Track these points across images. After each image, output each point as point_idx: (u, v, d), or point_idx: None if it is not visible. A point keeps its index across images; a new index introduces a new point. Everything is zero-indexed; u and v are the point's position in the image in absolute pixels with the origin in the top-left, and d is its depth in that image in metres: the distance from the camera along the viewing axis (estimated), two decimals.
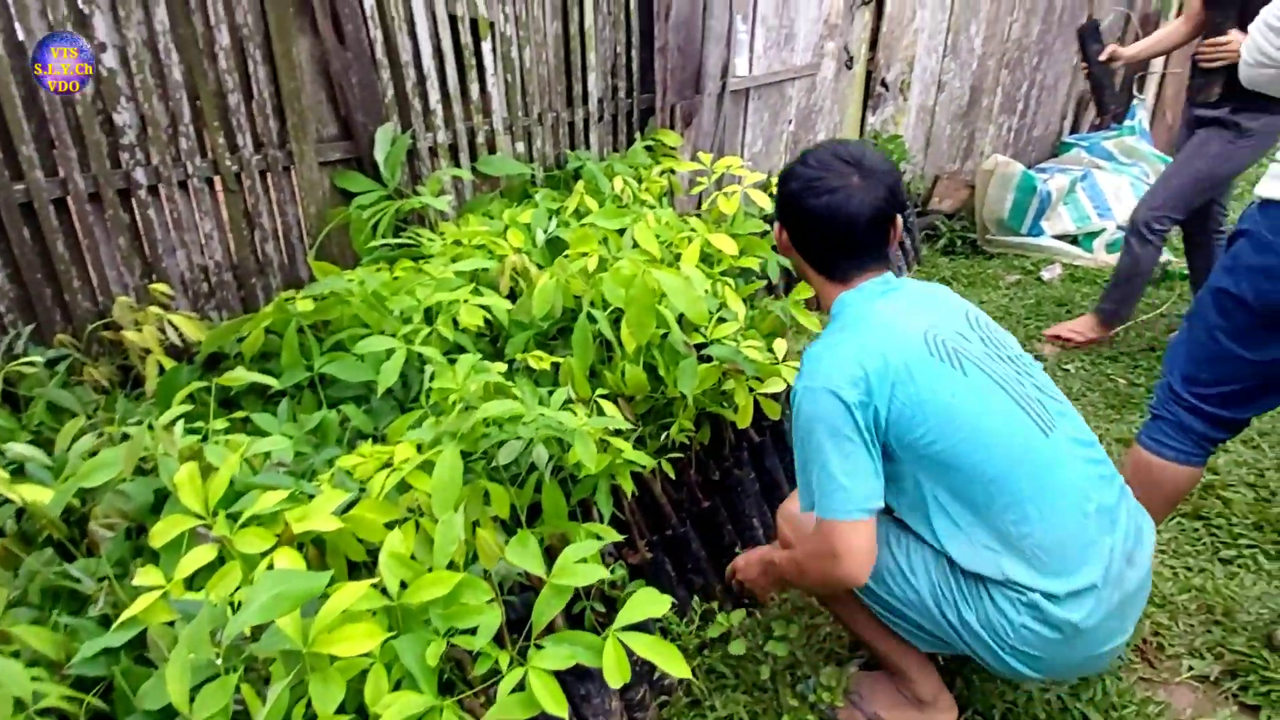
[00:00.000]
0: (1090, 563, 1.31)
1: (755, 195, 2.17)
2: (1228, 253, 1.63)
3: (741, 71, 2.96)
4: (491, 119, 2.41)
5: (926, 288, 1.48)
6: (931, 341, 1.33)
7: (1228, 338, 1.63)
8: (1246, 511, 2.28)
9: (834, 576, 1.32)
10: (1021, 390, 1.36)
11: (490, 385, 1.47)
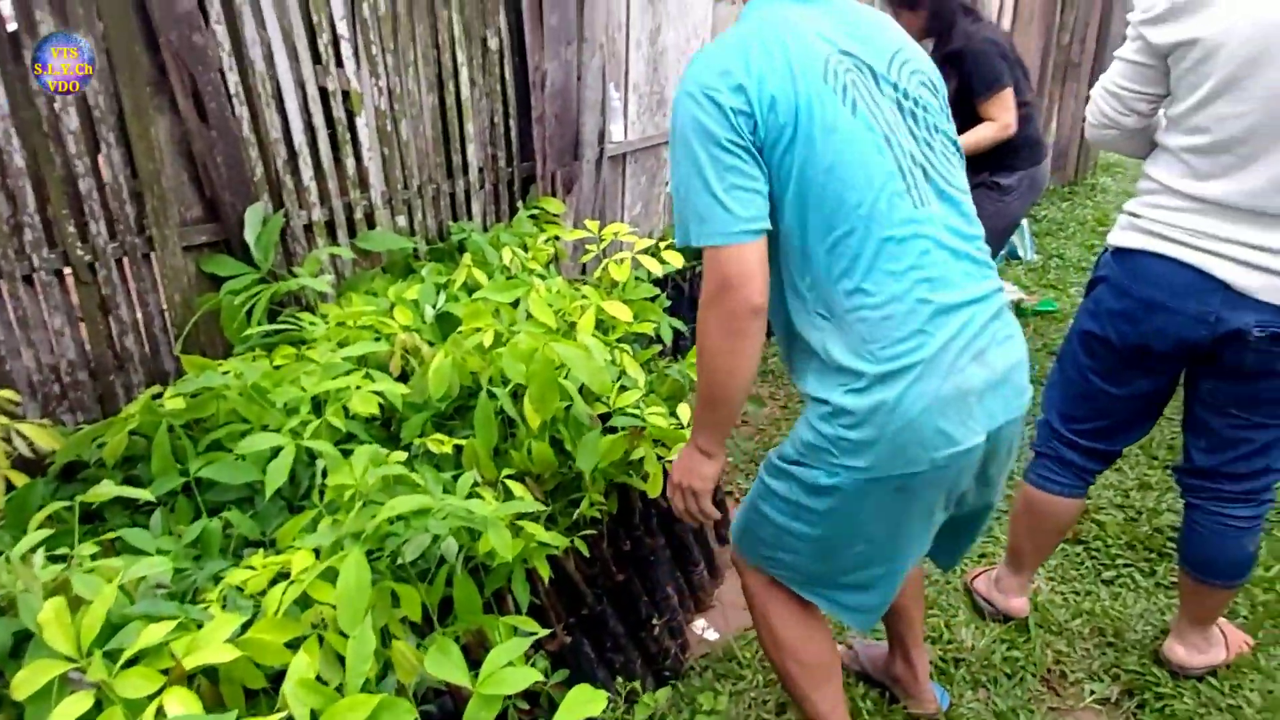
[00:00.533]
0: (915, 349, 1.19)
1: (645, 261, 2.19)
2: (1089, 297, 1.76)
3: (618, 137, 3.01)
4: (370, 193, 2.33)
5: (866, 12, 1.29)
6: (830, 68, 1.19)
7: (1097, 377, 1.75)
8: (1119, 532, 2.43)
9: (730, 310, 1.17)
10: (908, 153, 1.22)
11: (391, 478, 1.39)
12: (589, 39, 2.77)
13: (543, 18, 2.64)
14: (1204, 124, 1.49)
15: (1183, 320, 1.58)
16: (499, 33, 2.58)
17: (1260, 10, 1.38)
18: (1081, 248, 4.83)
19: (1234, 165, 1.48)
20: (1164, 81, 1.56)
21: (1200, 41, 1.44)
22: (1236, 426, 1.66)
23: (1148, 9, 1.51)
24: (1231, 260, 1.51)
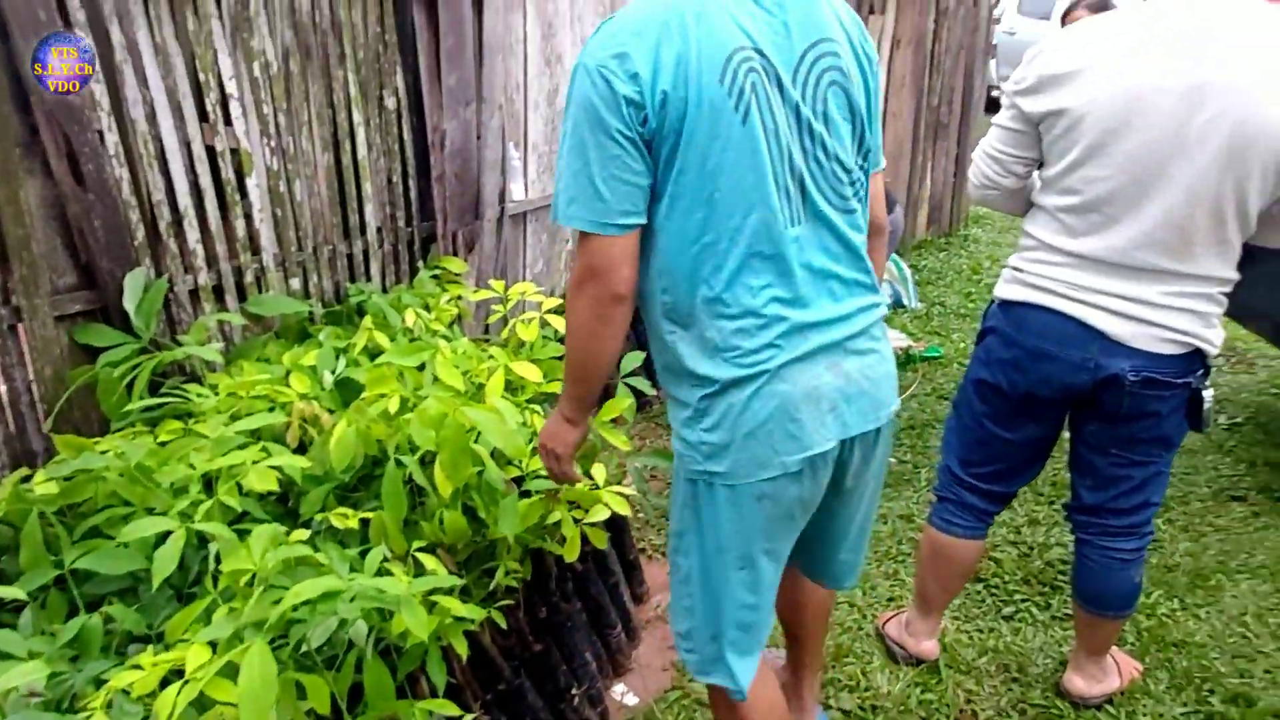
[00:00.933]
0: (766, 360, 1.22)
1: (553, 320, 2.17)
2: (980, 347, 1.85)
3: (518, 196, 3.01)
4: (261, 255, 2.24)
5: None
6: (730, 70, 1.13)
7: (991, 422, 1.84)
8: (1015, 568, 2.54)
9: (594, 295, 1.20)
10: (793, 169, 1.20)
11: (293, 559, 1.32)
12: (488, 99, 2.78)
13: (441, 78, 2.63)
14: (1074, 186, 1.61)
15: (1066, 367, 1.68)
16: (396, 92, 2.55)
17: (1119, 83, 1.51)
18: (960, 295, 5.11)
19: (1102, 224, 1.60)
20: (1037, 146, 1.68)
21: (1068, 111, 1.56)
22: (1117, 465, 1.77)
23: (1020, 81, 1.64)
24: (1105, 310, 1.62)
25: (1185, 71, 1.46)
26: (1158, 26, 1.50)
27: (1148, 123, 1.49)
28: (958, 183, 6.14)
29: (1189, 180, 1.50)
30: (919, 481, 3.01)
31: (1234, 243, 1.58)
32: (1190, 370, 1.65)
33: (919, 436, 3.36)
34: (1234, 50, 1.44)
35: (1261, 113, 1.43)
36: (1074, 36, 1.58)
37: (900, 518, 2.80)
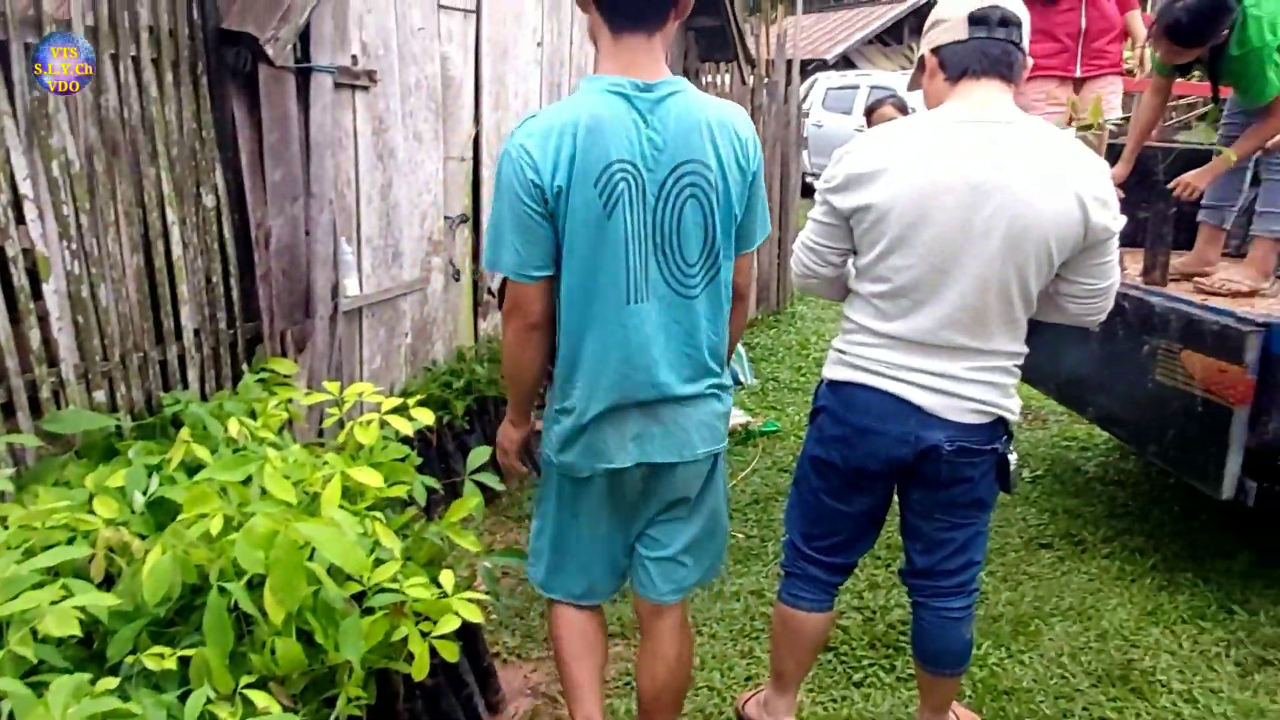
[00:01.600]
0: (597, 401, 1.63)
1: (393, 421, 2.10)
2: (813, 425, 1.96)
3: (353, 291, 2.93)
4: (60, 367, 2.05)
5: (681, 119, 1.53)
6: (605, 175, 1.50)
7: (828, 497, 1.94)
8: (860, 633, 2.64)
9: (515, 324, 1.64)
10: (643, 257, 1.56)
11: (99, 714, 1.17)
12: (317, 194, 2.71)
13: (265, 174, 2.55)
14: (884, 274, 1.76)
15: (890, 441, 1.80)
16: (215, 190, 2.45)
17: (918, 181, 1.67)
18: (792, 370, 5.40)
19: (910, 308, 1.75)
20: (850, 238, 1.82)
21: (874, 206, 1.71)
22: (941, 529, 1.90)
23: (830, 179, 1.79)
24: (920, 387, 1.77)
25: (970, 173, 1.65)
26: (947, 133, 1.69)
27: (941, 218, 1.67)
28: (782, 264, 6.54)
29: (979, 268, 1.68)
30: (767, 555, 3.10)
31: (1021, 321, 1.78)
32: (996, 437, 1.82)
33: (764, 510, 3.47)
34: (1010, 155, 1.65)
35: (1032, 209, 1.64)
36: (876, 140, 1.76)
37: (751, 593, 2.86)
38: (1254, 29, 2.77)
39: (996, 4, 1.70)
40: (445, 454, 3.26)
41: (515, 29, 3.81)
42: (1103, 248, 1.71)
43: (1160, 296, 2.83)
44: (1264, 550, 3.11)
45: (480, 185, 3.71)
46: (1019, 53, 1.72)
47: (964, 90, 1.71)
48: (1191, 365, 2.58)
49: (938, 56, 1.76)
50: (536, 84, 4.04)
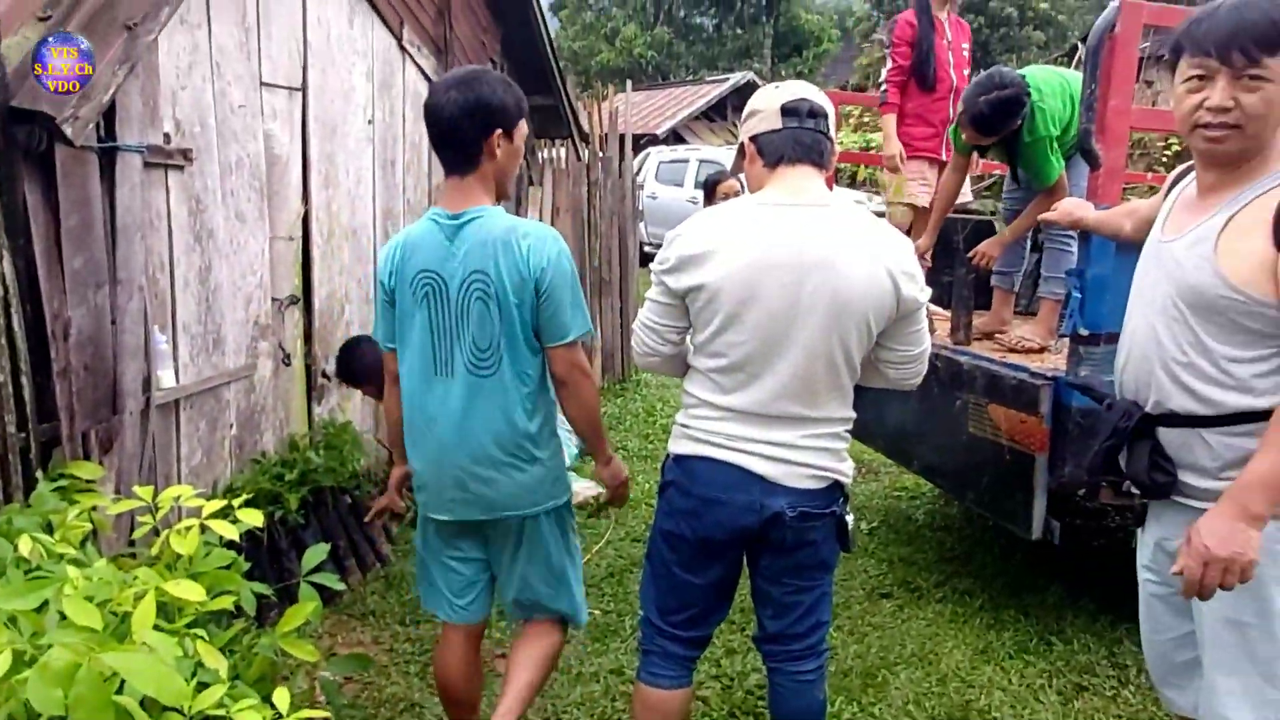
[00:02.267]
0: (425, 462, 2.08)
1: (215, 525, 1.93)
2: (662, 499, 1.98)
3: (168, 383, 2.71)
4: None
5: (477, 243, 1.94)
6: (416, 280, 1.98)
7: (680, 570, 1.95)
8: (720, 703, 2.65)
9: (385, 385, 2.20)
10: (445, 340, 1.98)
11: None
12: (125, 280, 2.51)
13: (63, 261, 2.34)
14: (720, 350, 1.83)
15: (736, 511, 1.85)
16: (4, 279, 2.21)
17: (745, 261, 1.76)
18: (640, 438, 5.46)
19: (746, 381, 1.83)
20: (686, 316, 1.89)
21: (706, 286, 1.79)
22: (789, 592, 1.95)
23: (663, 261, 1.86)
24: (760, 456, 1.84)
25: (793, 252, 1.76)
26: (769, 216, 1.80)
27: (769, 295, 1.76)
28: (625, 334, 6.67)
29: (807, 341, 1.78)
30: (624, 631, 3.07)
31: (848, 388, 1.89)
32: (834, 500, 1.91)
33: (619, 584, 3.45)
34: (827, 235, 1.77)
35: (850, 284, 1.76)
36: (705, 223, 1.85)
37: (611, 673, 2.81)
38: (1040, 121, 3.16)
39: (805, 97, 1.86)
40: (279, 553, 3.04)
41: (344, 106, 3.75)
42: (913, 317, 1.86)
43: (968, 355, 3.10)
44: (1072, 582, 3.41)
45: (311, 265, 3.57)
46: (828, 141, 1.87)
47: (781, 175, 1.84)
48: (997, 417, 2.83)
49: (756, 144, 1.88)
50: (369, 161, 3.97)
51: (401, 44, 4.17)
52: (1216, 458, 1.62)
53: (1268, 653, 1.61)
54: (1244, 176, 1.60)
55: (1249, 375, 1.57)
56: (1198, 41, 1.54)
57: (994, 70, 3.24)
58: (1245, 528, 1.51)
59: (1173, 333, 1.66)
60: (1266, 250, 1.51)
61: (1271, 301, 1.51)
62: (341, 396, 3.82)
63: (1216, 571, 1.52)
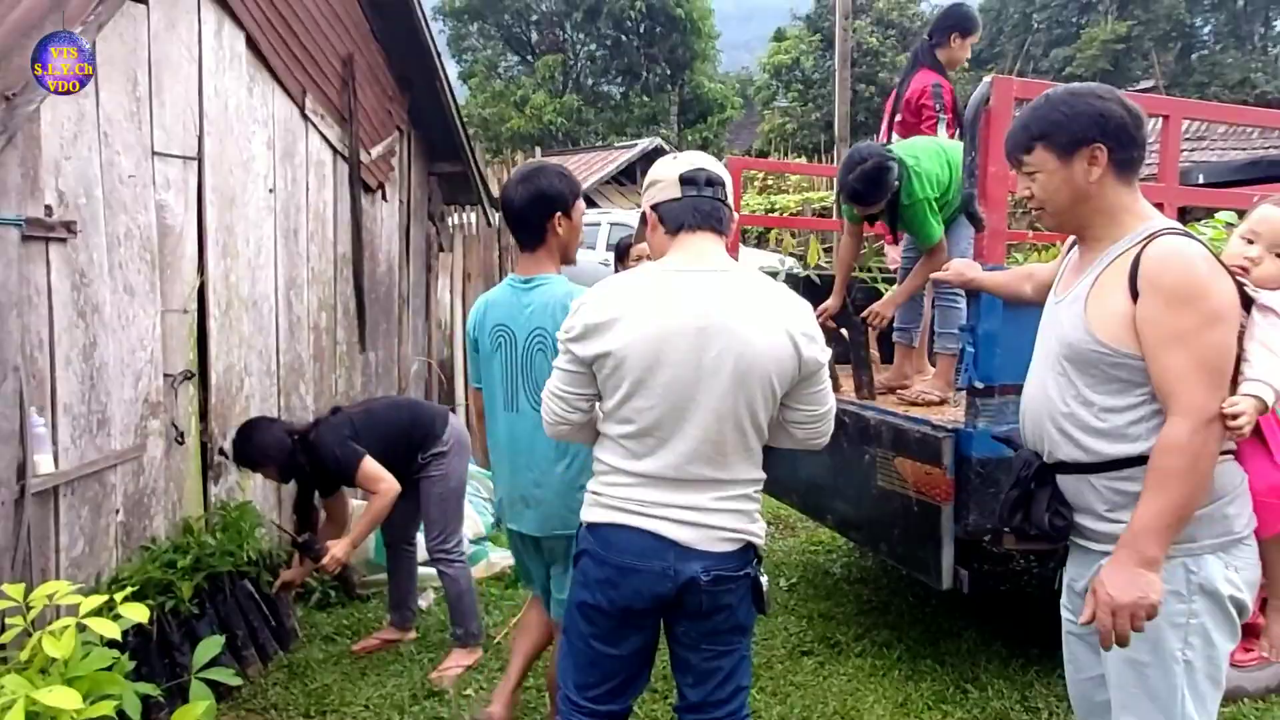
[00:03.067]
0: (502, 482, 2.50)
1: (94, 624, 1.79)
2: (577, 570, 1.94)
3: (45, 469, 2.54)
4: None
5: (540, 300, 2.35)
6: (493, 330, 2.42)
7: (598, 642, 1.91)
8: None
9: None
10: (514, 379, 2.38)
11: None
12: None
13: None
14: (629, 416, 1.83)
15: (651, 578, 1.83)
16: None
17: (650, 327, 1.78)
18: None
19: (656, 445, 1.83)
20: (594, 384, 1.88)
21: (613, 353, 1.79)
22: (708, 658, 1.93)
23: (569, 330, 1.86)
24: (673, 521, 1.82)
25: (696, 317, 1.78)
26: (673, 282, 1.83)
27: (674, 360, 1.77)
28: None
29: (714, 404, 1.79)
30: (545, 708, 2.97)
31: (756, 449, 1.90)
32: (748, 561, 1.90)
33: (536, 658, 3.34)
34: (729, 300, 1.80)
35: (753, 347, 1.79)
36: (609, 290, 1.86)
37: None
38: (917, 184, 3.34)
39: (702, 167, 1.91)
40: (170, 648, 2.84)
41: (244, 175, 3.66)
42: (815, 377, 1.89)
43: (874, 410, 3.19)
44: (984, 628, 3.48)
45: (208, 338, 3.43)
46: (726, 209, 1.92)
47: (683, 242, 1.88)
48: (904, 470, 2.91)
49: (657, 212, 1.92)
50: (270, 231, 3.88)
51: (304, 112, 4.13)
52: (1105, 501, 1.73)
53: (1164, 690, 1.68)
54: (1106, 241, 1.74)
55: (1125, 423, 1.69)
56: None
57: (854, 147, 3.48)
58: (1144, 572, 1.60)
59: (1059, 386, 1.78)
60: (1126, 306, 1.65)
61: (1133, 353, 1.64)
62: (241, 475, 3.65)
63: (1125, 617, 1.60)
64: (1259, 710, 2.93)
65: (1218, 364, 1.60)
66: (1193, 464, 1.58)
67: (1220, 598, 1.66)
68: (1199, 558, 1.66)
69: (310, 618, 3.74)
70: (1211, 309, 1.59)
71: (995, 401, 2.63)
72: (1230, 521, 1.68)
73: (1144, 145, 1.74)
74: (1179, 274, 1.60)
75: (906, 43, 27.02)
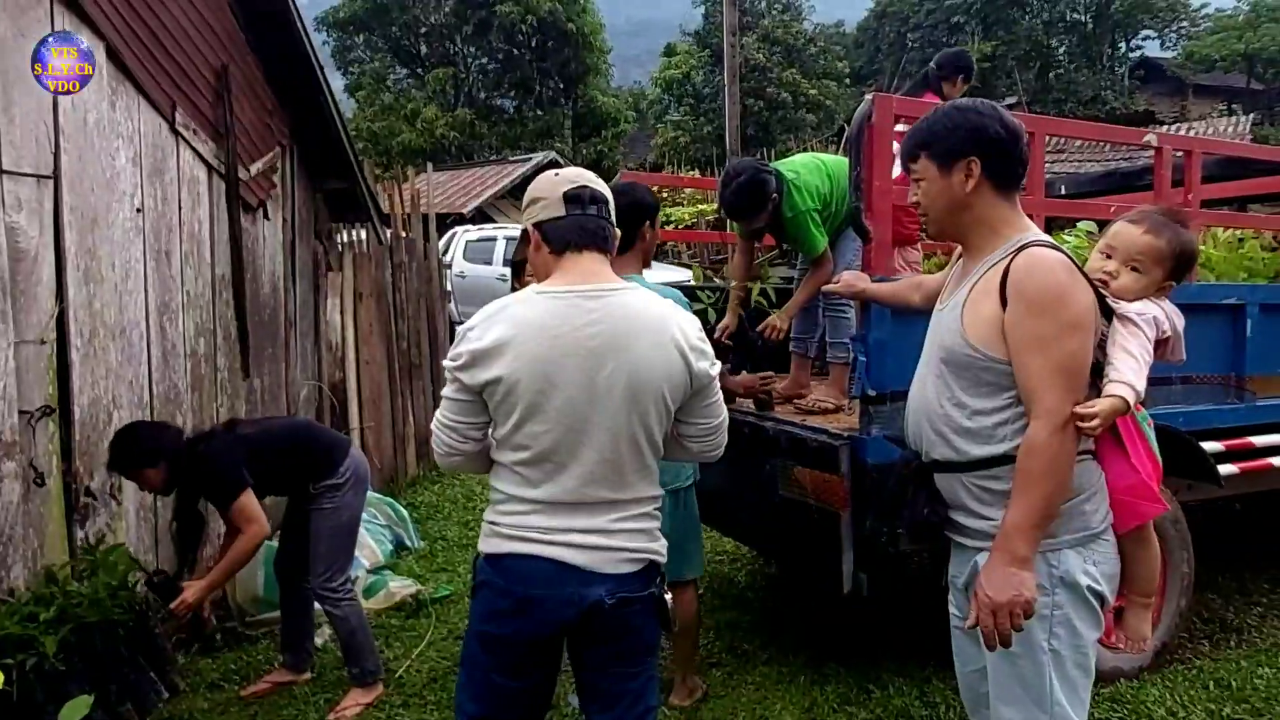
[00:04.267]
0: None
1: None
2: (476, 600, 1.89)
3: None
4: None
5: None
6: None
7: (499, 674, 1.85)
8: None
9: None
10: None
11: None
12: None
13: None
14: (523, 442, 1.77)
15: (555, 605, 1.78)
16: None
17: (540, 350, 1.72)
18: (460, 525, 5.25)
19: (554, 470, 1.78)
20: (485, 411, 1.81)
21: (503, 379, 1.73)
22: (617, 681, 1.89)
23: (456, 358, 1.77)
24: (573, 546, 1.78)
25: (586, 338, 1.74)
26: (561, 303, 1.78)
27: (566, 382, 1.73)
28: None
29: (608, 424, 1.76)
30: None
31: (653, 467, 1.87)
32: (651, 581, 1.88)
33: (443, 689, 3.25)
34: (618, 319, 1.77)
35: (644, 364, 1.76)
36: (495, 315, 1.78)
37: None
38: (798, 196, 3.43)
39: (586, 184, 1.86)
40: (35, 709, 2.60)
41: (107, 195, 3.42)
42: (707, 391, 1.87)
43: (772, 421, 3.24)
44: (886, 630, 3.58)
45: (70, 369, 3.18)
46: (611, 227, 1.89)
47: (569, 263, 1.83)
48: (803, 479, 2.96)
49: (540, 231, 1.86)
50: (139, 253, 3.64)
51: (174, 127, 3.90)
52: (975, 499, 1.83)
53: (1035, 679, 1.78)
54: (985, 250, 1.83)
55: (992, 425, 1.79)
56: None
57: (729, 164, 3.59)
58: (1017, 571, 1.69)
59: (936, 389, 1.88)
60: (996, 312, 1.75)
61: (1002, 357, 1.74)
62: (111, 516, 3.39)
63: (1004, 615, 1.68)
64: (1134, 688, 3.12)
65: (1074, 369, 1.70)
66: (1052, 464, 1.68)
67: (1080, 589, 1.76)
68: (1059, 552, 1.76)
69: (193, 664, 3.51)
70: (1070, 317, 1.69)
71: (888, 408, 2.71)
72: (1088, 518, 1.78)
73: (1022, 161, 1.84)
74: (1041, 283, 1.70)
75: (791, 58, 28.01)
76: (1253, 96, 29.33)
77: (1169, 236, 1.92)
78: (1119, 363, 1.77)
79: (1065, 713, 1.77)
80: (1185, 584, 3.32)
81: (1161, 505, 1.83)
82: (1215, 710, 3.00)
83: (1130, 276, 1.92)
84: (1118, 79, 31.78)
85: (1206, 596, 3.94)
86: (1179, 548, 3.27)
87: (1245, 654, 3.44)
